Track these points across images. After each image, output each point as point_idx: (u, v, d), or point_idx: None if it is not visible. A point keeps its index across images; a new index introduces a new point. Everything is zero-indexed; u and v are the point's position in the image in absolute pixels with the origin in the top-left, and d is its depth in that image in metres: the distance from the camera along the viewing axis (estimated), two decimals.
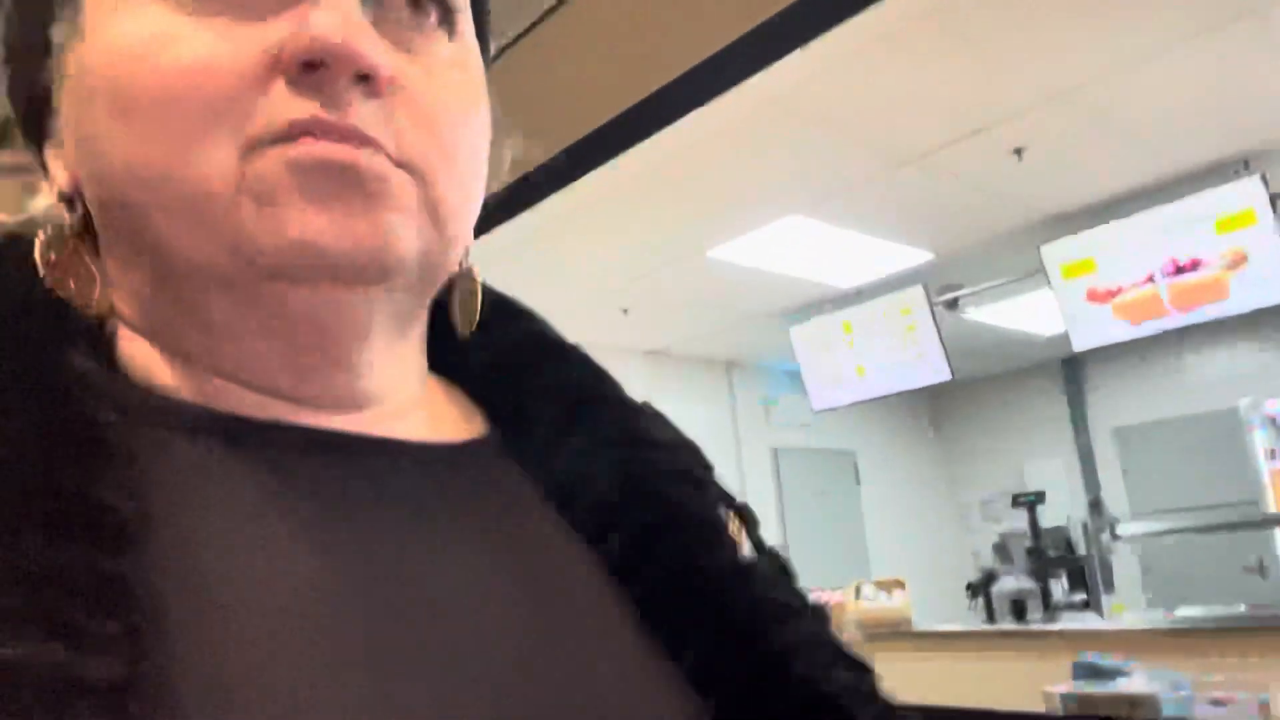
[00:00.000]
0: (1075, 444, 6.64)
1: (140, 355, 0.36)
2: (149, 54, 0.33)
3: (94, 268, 0.37)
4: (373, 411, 0.38)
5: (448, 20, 0.38)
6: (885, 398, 4.85)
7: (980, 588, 4.26)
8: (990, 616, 4.13)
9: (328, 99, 0.33)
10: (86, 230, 0.38)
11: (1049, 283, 3.99)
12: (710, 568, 0.40)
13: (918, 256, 4.42)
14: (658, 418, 0.46)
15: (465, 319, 0.43)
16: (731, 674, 0.38)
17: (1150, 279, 3.72)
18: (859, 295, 4.74)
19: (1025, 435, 6.93)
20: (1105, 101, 3.10)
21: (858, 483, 6.79)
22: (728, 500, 0.44)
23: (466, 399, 0.45)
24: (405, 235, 0.34)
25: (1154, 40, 2.78)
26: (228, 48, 0.33)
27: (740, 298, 4.88)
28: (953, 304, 4.78)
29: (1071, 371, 6.57)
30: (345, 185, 0.33)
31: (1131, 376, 6.18)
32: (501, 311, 0.46)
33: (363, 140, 0.33)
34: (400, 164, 0.34)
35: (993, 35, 2.69)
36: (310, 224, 0.32)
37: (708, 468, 0.45)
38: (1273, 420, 4.88)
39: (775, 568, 0.43)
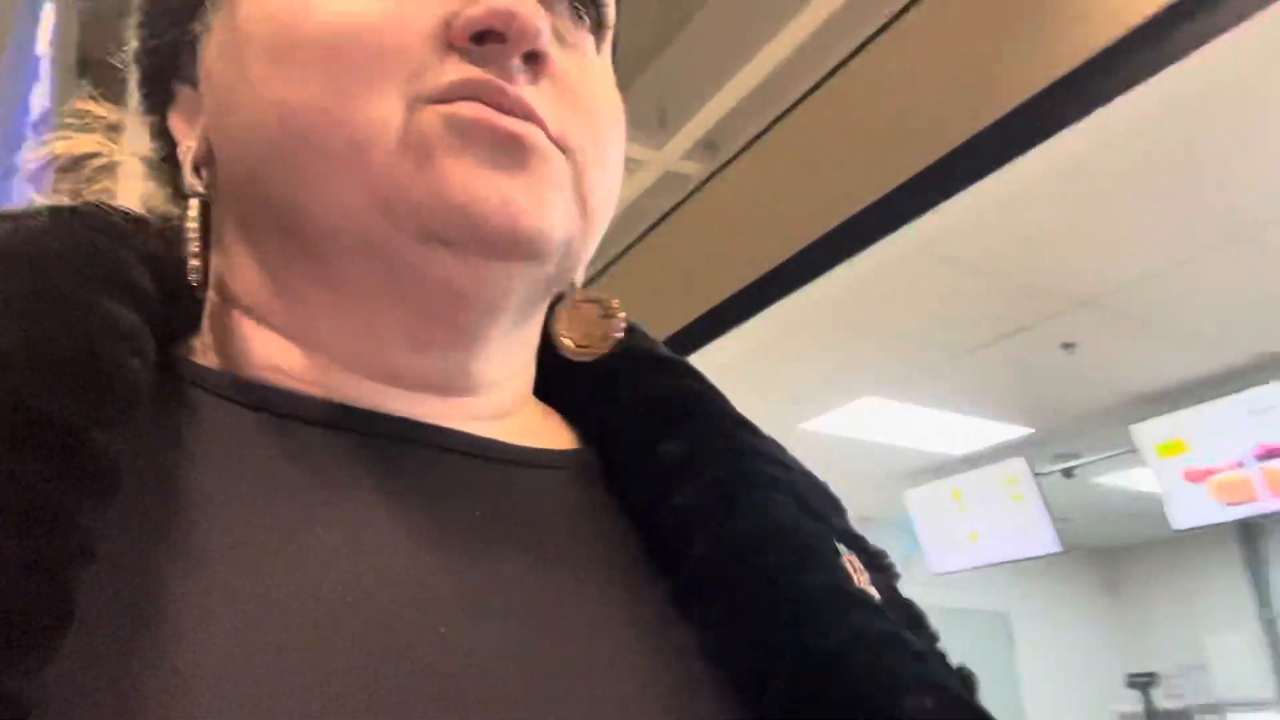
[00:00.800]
0: (1258, 617, 6.14)
1: (235, 329, 0.36)
2: (311, 4, 0.32)
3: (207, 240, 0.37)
4: (471, 400, 0.37)
5: (598, 33, 0.38)
6: (1048, 557, 4.86)
7: None
8: None
9: (498, 71, 0.32)
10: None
11: (1144, 460, 4.02)
12: (804, 588, 0.35)
13: (1015, 431, 4.55)
14: (770, 440, 0.41)
15: (587, 337, 0.40)
16: (812, 703, 0.32)
17: (1240, 464, 3.69)
18: (967, 462, 4.88)
19: (1206, 604, 6.48)
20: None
21: (1010, 644, 6.59)
22: (852, 538, 0.39)
23: (560, 418, 0.43)
24: (561, 215, 0.34)
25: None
26: (402, 8, 0.32)
27: (848, 463, 5.15)
28: (1069, 472, 4.79)
29: (1247, 536, 6.15)
30: (509, 154, 0.32)
31: None
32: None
33: (528, 113, 0.33)
34: (558, 145, 0.34)
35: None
36: (474, 188, 0.31)
37: (831, 500, 0.41)
38: None
39: (902, 611, 0.37)
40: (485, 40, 0.33)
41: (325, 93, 0.32)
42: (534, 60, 0.34)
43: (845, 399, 4.19)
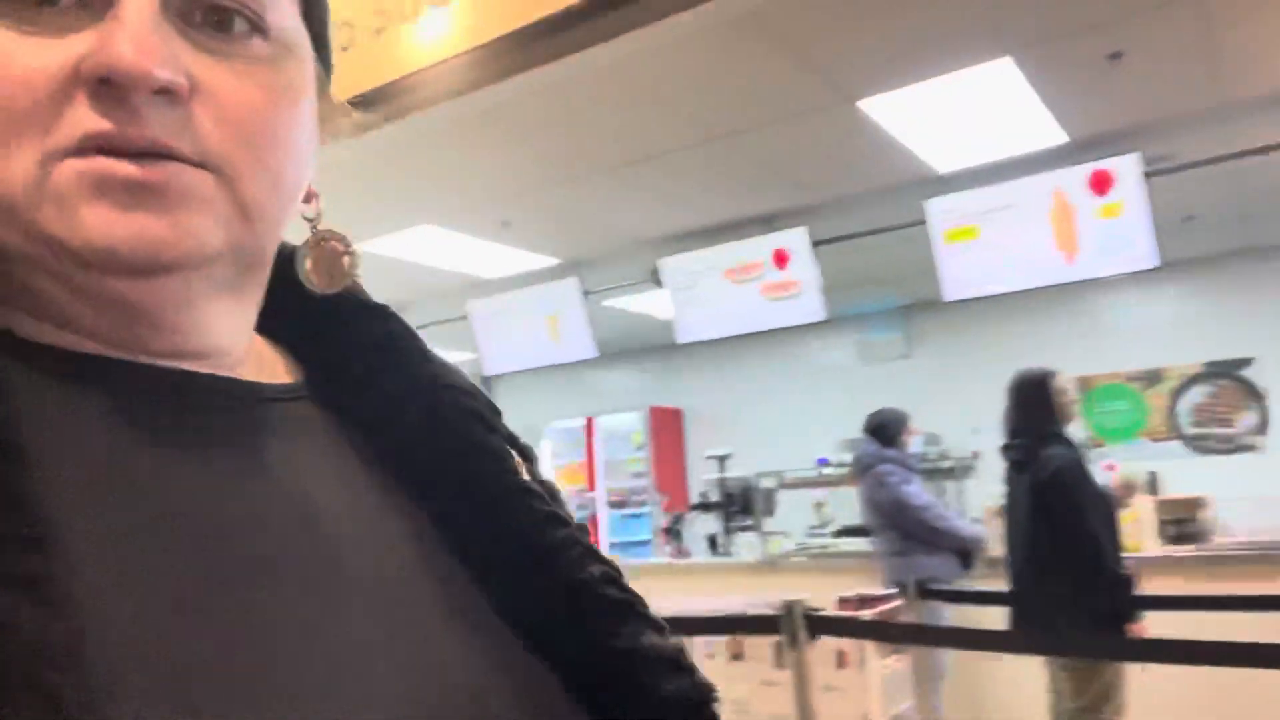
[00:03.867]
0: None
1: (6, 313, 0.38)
2: None
3: None
4: (213, 361, 0.41)
5: (257, 27, 0.39)
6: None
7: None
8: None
9: (126, 112, 0.34)
10: None
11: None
12: (498, 489, 0.46)
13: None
14: (454, 369, 0.49)
15: (328, 278, 0.46)
16: (511, 566, 0.45)
17: None
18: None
19: None
20: None
21: None
22: (511, 439, 0.49)
23: (281, 352, 0.47)
24: (204, 231, 0.36)
25: None
26: (39, 62, 0.34)
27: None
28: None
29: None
30: (142, 197, 0.35)
31: None
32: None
33: (158, 151, 0.35)
34: (202, 164, 0.36)
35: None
36: (111, 231, 0.35)
37: (496, 412, 0.49)
38: None
39: (549, 492, 0.49)
40: (109, 83, 0.34)
41: None
42: (167, 91, 0.35)
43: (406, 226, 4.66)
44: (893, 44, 3.19)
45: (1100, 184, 4.01)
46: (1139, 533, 3.91)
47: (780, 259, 4.77)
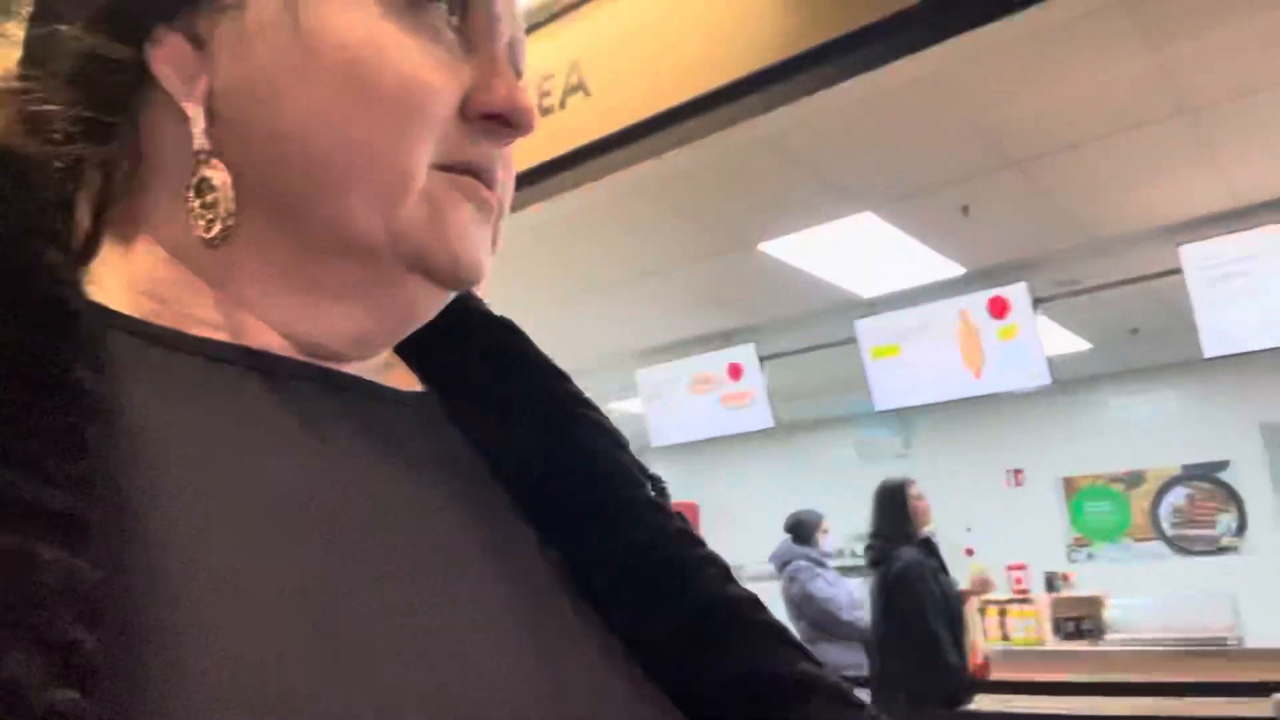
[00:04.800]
0: None
1: (184, 288, 0.38)
2: (390, 52, 0.37)
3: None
4: (365, 364, 0.43)
5: None
6: None
7: None
8: None
9: (493, 149, 0.40)
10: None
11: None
12: (626, 500, 0.45)
13: None
14: (575, 385, 0.49)
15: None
16: (640, 584, 0.42)
17: None
18: None
19: None
20: None
21: None
22: (639, 465, 0.47)
23: (402, 362, 0.48)
24: (489, 262, 0.41)
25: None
26: (440, 73, 0.38)
27: None
28: None
29: None
30: (484, 219, 0.40)
31: None
32: None
33: (494, 188, 0.41)
34: (498, 206, 0.42)
35: None
36: (463, 239, 0.39)
37: (624, 440, 0.48)
38: None
39: (681, 519, 0.46)
40: (490, 119, 0.39)
41: (387, 140, 0.37)
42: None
43: None
44: (773, 202, 3.80)
45: (998, 309, 4.48)
46: (1039, 628, 4.24)
47: (734, 372, 5.34)
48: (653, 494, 0.46)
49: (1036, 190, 3.80)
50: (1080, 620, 4.28)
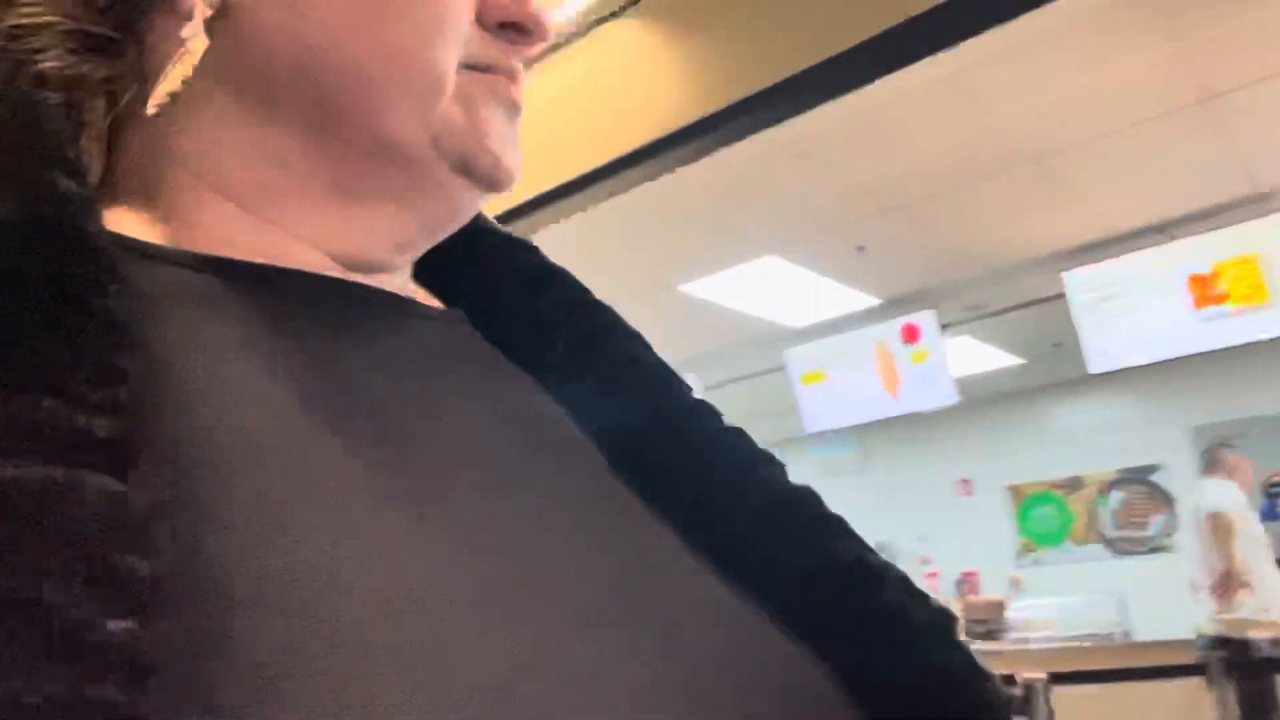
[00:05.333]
0: None
1: (206, 208, 0.37)
2: None
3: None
4: (391, 278, 0.42)
5: None
6: None
7: None
8: None
9: (516, 56, 0.40)
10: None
11: None
12: (684, 404, 0.43)
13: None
14: (607, 306, 0.48)
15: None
16: (736, 509, 0.40)
17: None
18: None
19: None
20: None
21: None
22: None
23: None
24: (519, 165, 0.41)
25: None
26: None
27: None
28: None
29: None
30: (514, 120, 0.41)
31: None
32: None
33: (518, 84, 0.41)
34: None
35: None
36: (500, 139, 0.39)
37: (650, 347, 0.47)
38: None
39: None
40: (505, 28, 0.40)
41: (416, 42, 0.36)
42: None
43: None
44: (683, 248, 4.19)
45: (910, 335, 4.86)
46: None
47: None
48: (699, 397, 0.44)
49: (925, 229, 4.19)
50: (987, 622, 4.63)
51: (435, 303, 0.45)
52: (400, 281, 0.42)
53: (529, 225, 3.29)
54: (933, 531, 7.58)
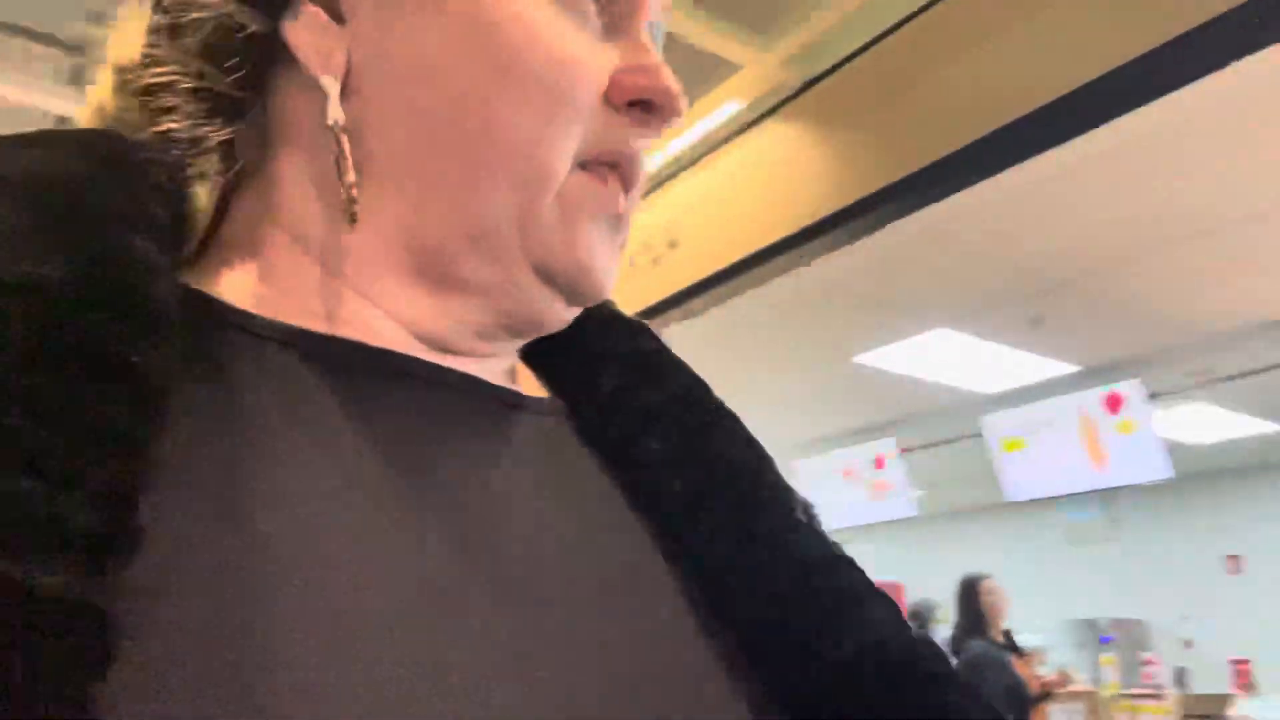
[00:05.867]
0: None
1: (300, 276, 0.37)
2: (539, 30, 0.35)
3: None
4: (485, 362, 0.40)
5: None
6: None
7: None
8: None
9: (638, 139, 0.37)
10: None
11: None
12: (769, 517, 0.40)
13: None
14: (717, 397, 0.45)
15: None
16: (783, 609, 0.37)
17: None
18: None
19: None
20: None
21: None
22: (790, 488, 0.42)
23: (528, 368, 0.45)
24: (615, 277, 0.39)
25: None
26: (593, 59, 0.36)
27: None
28: None
29: None
30: (614, 232, 0.38)
31: None
32: None
33: (632, 189, 0.38)
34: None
35: None
36: (592, 253, 0.37)
37: (766, 453, 0.44)
38: None
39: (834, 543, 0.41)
40: (634, 106, 0.36)
41: (535, 124, 0.34)
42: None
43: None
44: (855, 322, 4.25)
45: (1113, 404, 4.54)
46: None
47: (879, 463, 5.66)
48: (797, 507, 0.41)
49: (1108, 298, 3.96)
50: (1208, 719, 4.16)
51: (536, 384, 0.44)
52: (495, 363, 0.41)
53: (704, 302, 3.57)
54: (1197, 611, 6.83)
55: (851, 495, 5.78)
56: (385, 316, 0.37)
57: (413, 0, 0.35)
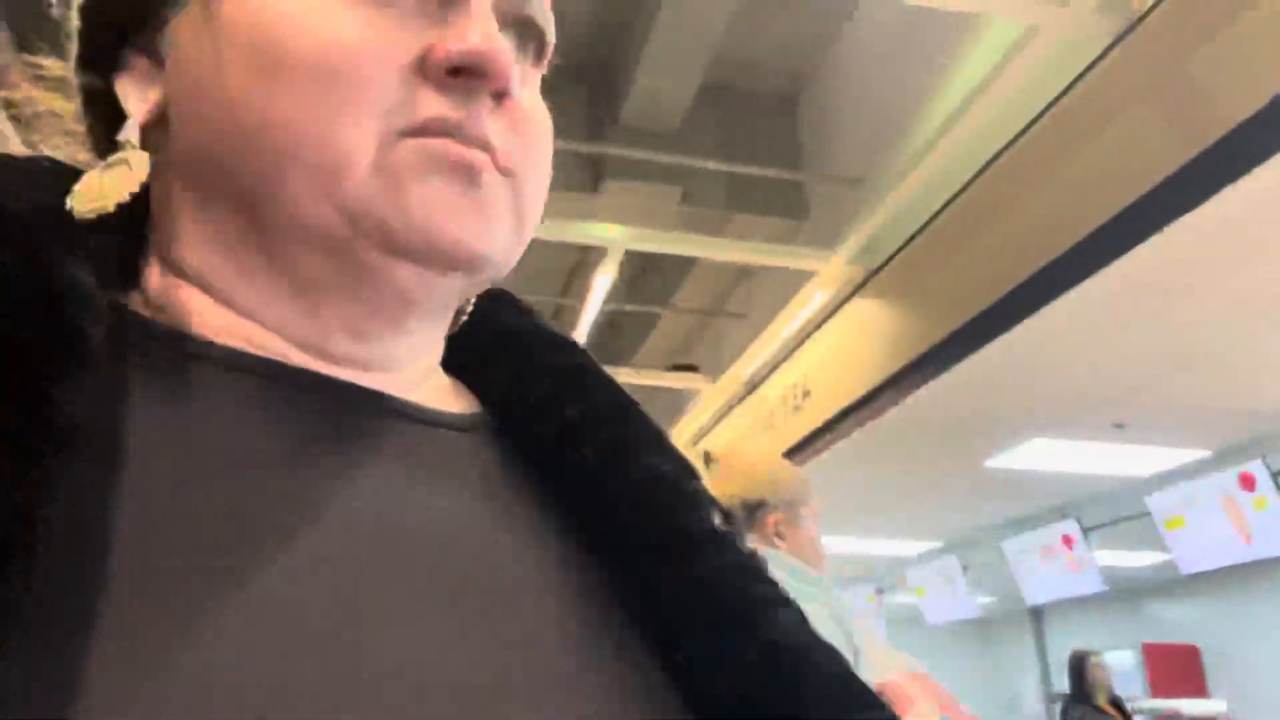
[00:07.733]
0: None
1: (181, 297, 0.38)
2: (306, 22, 0.35)
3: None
4: (390, 376, 0.40)
5: (540, 55, 0.42)
6: None
7: None
8: None
9: (474, 106, 0.36)
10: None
11: None
12: (690, 529, 0.41)
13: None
14: (644, 413, 0.46)
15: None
16: (705, 618, 0.39)
17: None
18: None
19: None
20: None
21: None
22: (709, 499, 0.44)
23: (456, 383, 0.46)
24: (500, 236, 0.38)
25: None
26: (380, 39, 0.36)
27: None
28: None
29: None
30: (468, 186, 0.36)
31: None
32: (495, 301, 0.48)
33: (485, 145, 0.37)
34: (503, 171, 0.38)
35: None
36: (433, 212, 0.35)
37: (693, 469, 0.45)
38: None
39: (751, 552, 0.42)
40: (459, 75, 0.36)
41: (307, 116, 0.34)
42: (500, 97, 0.37)
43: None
44: (964, 434, 5.08)
45: (1247, 484, 4.91)
46: None
47: (1067, 542, 6.23)
48: (720, 526, 0.42)
49: (1187, 398, 4.49)
50: None
51: (467, 401, 0.45)
52: (401, 377, 0.41)
53: (833, 436, 4.73)
54: None
55: (1048, 570, 6.39)
56: (268, 331, 0.38)
57: (193, 22, 0.38)
